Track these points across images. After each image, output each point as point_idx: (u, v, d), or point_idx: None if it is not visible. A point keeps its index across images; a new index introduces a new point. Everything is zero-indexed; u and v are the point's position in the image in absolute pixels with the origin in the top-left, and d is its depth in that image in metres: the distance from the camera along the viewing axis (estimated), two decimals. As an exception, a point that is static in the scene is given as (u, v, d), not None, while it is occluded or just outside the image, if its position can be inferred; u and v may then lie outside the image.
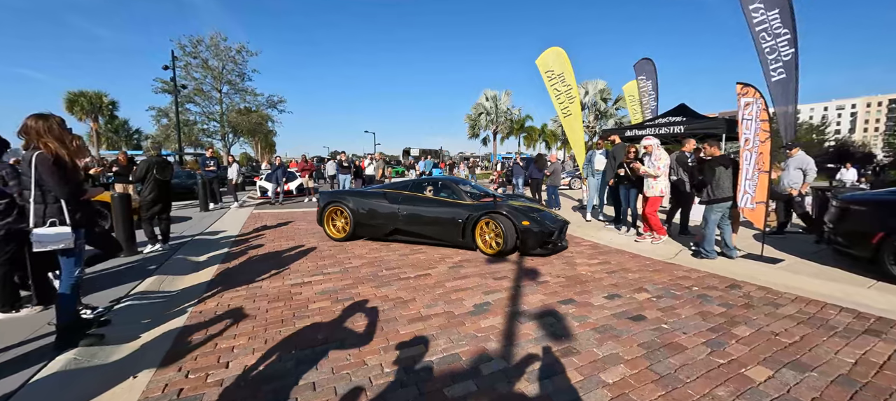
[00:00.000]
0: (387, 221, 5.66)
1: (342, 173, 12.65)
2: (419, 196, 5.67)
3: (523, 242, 4.81)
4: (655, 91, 10.88)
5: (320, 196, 6.44)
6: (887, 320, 3.02)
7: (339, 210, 6.03)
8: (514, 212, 4.88)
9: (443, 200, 5.51)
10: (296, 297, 3.54)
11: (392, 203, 5.68)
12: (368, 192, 6.22)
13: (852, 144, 48.20)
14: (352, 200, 5.99)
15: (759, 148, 4.37)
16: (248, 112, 29.00)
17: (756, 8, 5.88)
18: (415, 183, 6.10)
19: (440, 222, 5.31)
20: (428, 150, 37.01)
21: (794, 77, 5.81)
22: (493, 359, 2.45)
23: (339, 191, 6.76)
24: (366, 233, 5.99)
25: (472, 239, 5.10)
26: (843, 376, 2.24)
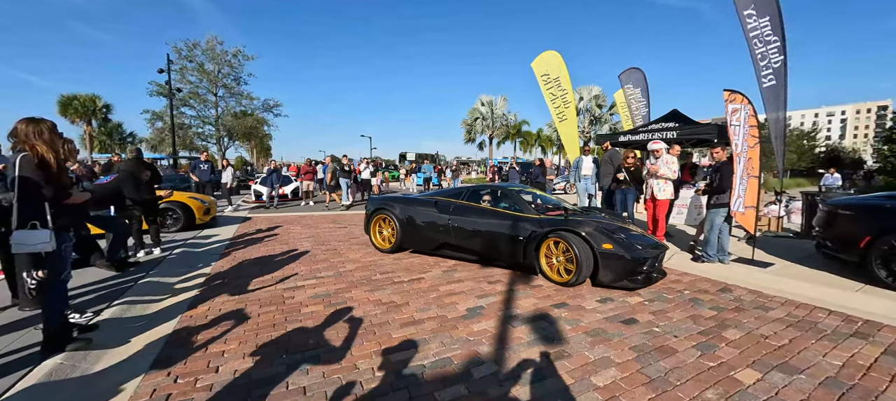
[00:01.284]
0: (436, 233, 4.94)
1: (343, 177, 12.62)
2: (474, 206, 4.80)
3: (603, 270, 3.75)
4: (646, 97, 11.00)
5: (368, 202, 5.97)
6: (874, 323, 3.06)
7: (386, 218, 5.44)
8: (592, 230, 3.85)
9: (501, 212, 4.60)
10: (288, 301, 3.52)
11: (442, 213, 4.91)
12: (418, 199, 5.50)
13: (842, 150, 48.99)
14: (399, 207, 5.35)
15: (748, 153, 4.44)
16: (244, 116, 28.92)
17: (749, 14, 5.98)
18: (471, 191, 5.15)
19: (497, 238, 4.45)
20: (424, 154, 37.07)
21: (783, 84, 5.90)
22: (485, 363, 2.45)
23: (388, 196, 6.01)
24: (413, 245, 5.34)
25: (535, 260, 4.15)
26: (831, 379, 2.27)
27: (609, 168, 6.86)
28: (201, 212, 7.71)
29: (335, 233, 7.10)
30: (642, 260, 3.80)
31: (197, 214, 7.60)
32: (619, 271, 3.73)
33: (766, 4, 5.69)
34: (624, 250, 3.73)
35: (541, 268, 4.13)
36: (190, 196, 8.07)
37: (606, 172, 6.91)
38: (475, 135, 38.48)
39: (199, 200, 8.06)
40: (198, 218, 7.62)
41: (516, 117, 38.46)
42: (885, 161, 19.87)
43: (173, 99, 19.67)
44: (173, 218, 7.37)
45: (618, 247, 3.74)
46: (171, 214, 7.34)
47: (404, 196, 5.96)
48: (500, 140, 38.88)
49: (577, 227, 3.88)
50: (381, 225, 5.58)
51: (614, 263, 3.72)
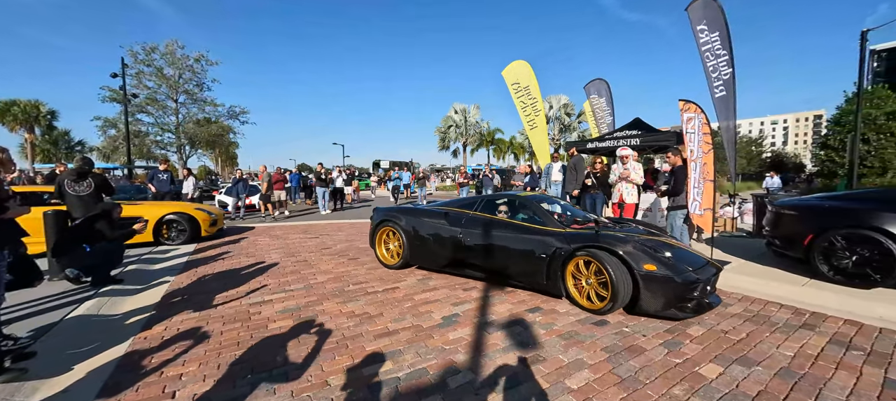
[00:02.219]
0: (446, 248, 4.38)
1: (320, 186, 12.25)
2: (489, 218, 4.23)
3: (645, 295, 3.11)
4: (610, 106, 11.51)
5: (374, 213, 5.40)
6: (820, 314, 3.31)
7: (393, 231, 4.91)
8: (631, 248, 3.21)
9: (520, 225, 4.00)
10: (254, 317, 3.34)
11: (453, 226, 4.35)
12: (427, 210, 4.93)
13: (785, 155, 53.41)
14: (405, 218, 4.82)
15: (703, 159, 4.72)
16: (208, 123, 27.62)
17: (702, 29, 6.44)
18: (487, 200, 4.59)
19: (515, 255, 3.85)
20: (399, 162, 36.84)
21: (732, 94, 6.36)
22: (461, 371, 2.42)
23: (394, 207, 5.46)
24: (421, 261, 4.77)
25: (561, 282, 3.53)
26: (784, 369, 2.41)
27: (574, 174, 7.09)
28: (207, 224, 7.34)
29: (306, 244, 6.86)
30: (694, 284, 3.10)
31: (203, 226, 7.24)
32: (665, 298, 3.07)
33: (716, 21, 6.14)
34: (672, 272, 3.08)
35: (567, 291, 3.53)
36: (196, 207, 7.71)
37: (571, 178, 7.13)
38: (449, 142, 38.76)
39: (206, 211, 7.67)
40: (204, 230, 7.25)
41: (489, 125, 39.15)
42: (821, 165, 21.81)
43: (129, 105, 18.48)
44: (178, 230, 6.99)
45: (664, 268, 3.09)
46: (176, 226, 6.97)
47: (413, 206, 5.36)
48: (474, 148, 39.36)
49: (613, 243, 3.25)
50: (388, 238, 5.05)
51: (660, 288, 3.07)
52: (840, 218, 3.98)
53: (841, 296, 3.58)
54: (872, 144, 18.57)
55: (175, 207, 7.27)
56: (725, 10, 5.98)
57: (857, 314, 3.27)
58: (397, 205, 5.89)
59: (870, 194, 4.25)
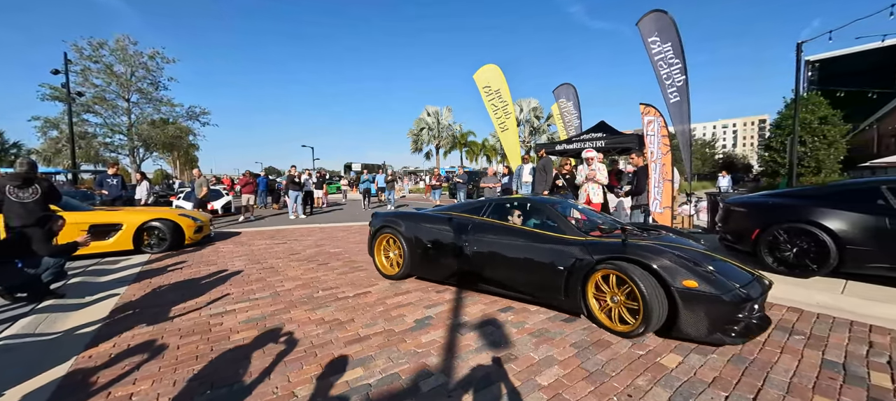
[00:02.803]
0: (450, 258, 3.98)
1: (293, 190, 11.81)
2: (498, 224, 3.86)
3: (685, 316, 2.64)
4: (578, 110, 11.95)
5: (372, 218, 4.98)
6: (767, 303, 3.57)
7: (393, 238, 4.52)
8: (667, 261, 2.74)
9: (535, 232, 3.54)
10: (215, 328, 3.16)
11: (459, 233, 3.93)
12: (429, 215, 4.49)
13: (735, 157, 57.66)
14: (405, 224, 4.42)
15: (662, 160, 5.00)
16: (164, 124, 25.99)
17: (654, 41, 6.86)
18: (495, 204, 4.22)
19: (529, 267, 3.40)
20: (371, 165, 36.31)
21: (686, 100, 6.79)
22: (434, 374, 2.40)
23: (394, 212, 4.93)
24: (423, 272, 4.35)
25: (581, 299, 3.11)
26: (736, 355, 2.58)
27: (543, 175, 7.28)
28: (192, 230, 6.86)
29: (273, 250, 6.59)
30: (743, 303, 2.63)
31: (187, 233, 6.76)
32: (709, 320, 2.59)
33: (668, 32, 6.55)
34: (717, 289, 2.60)
35: (589, 310, 3.09)
36: (180, 213, 7.19)
37: (541, 180, 7.32)
38: (422, 145, 38.68)
39: (191, 217, 7.16)
40: (188, 237, 6.78)
41: (462, 127, 39.45)
42: (766, 165, 23.73)
43: (73, 104, 17.01)
44: (159, 237, 6.50)
45: (707, 284, 2.60)
46: (156, 233, 6.49)
47: (412, 212, 4.81)
48: (447, 150, 39.50)
49: (644, 255, 2.80)
50: (388, 246, 4.63)
51: (703, 308, 2.58)
52: (781, 214, 4.33)
53: (785, 285, 3.88)
54: (808, 145, 20.40)
55: (156, 213, 6.79)
56: (677, 22, 6.38)
57: (798, 302, 3.56)
58: (398, 210, 5.45)
59: (806, 192, 4.65)
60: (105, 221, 6.23)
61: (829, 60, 27.52)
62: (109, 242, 6.13)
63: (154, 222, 6.50)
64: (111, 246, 6.15)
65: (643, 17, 6.76)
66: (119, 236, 6.21)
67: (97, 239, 6.01)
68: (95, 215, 6.25)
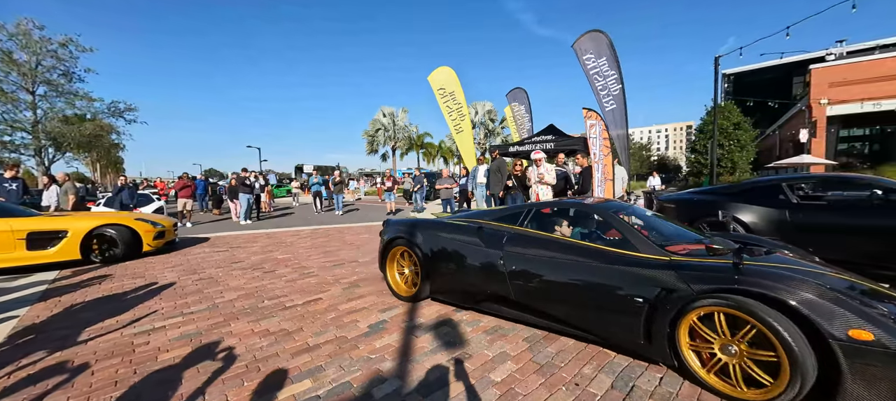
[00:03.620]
0: (481, 279, 3.12)
1: (243, 193, 10.92)
2: (544, 237, 2.94)
3: (854, 384, 1.73)
4: (529, 113, 12.45)
5: (384, 226, 4.17)
6: (692, 290, 3.95)
7: (408, 251, 3.74)
8: (810, 294, 1.85)
9: (597, 249, 2.64)
10: (139, 349, 2.82)
11: (491, 247, 3.08)
12: (451, 223, 3.59)
13: (667, 158, 63.70)
14: (422, 234, 3.61)
15: (604, 160, 5.36)
16: (80, 121, 22.98)
17: (588, 57, 7.44)
18: (535, 210, 3.31)
19: (590, 296, 2.54)
20: (324, 166, 34.96)
21: (622, 107, 7.37)
22: (388, 380, 2.34)
23: (409, 220, 4.04)
24: (446, 294, 3.50)
25: (670, 346, 2.24)
26: (668, 339, 2.81)
27: (498, 176, 7.48)
28: (151, 236, 6.05)
29: (212, 258, 6.07)
30: None
31: (144, 239, 5.95)
32: None
33: (601, 48, 7.16)
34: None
35: (685, 362, 2.18)
36: (137, 217, 6.30)
37: (496, 180, 7.52)
38: (378, 146, 38.01)
39: (150, 221, 6.29)
40: (146, 244, 5.97)
41: (418, 129, 39.36)
42: (692, 166, 26.47)
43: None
44: (110, 245, 5.76)
45: (887, 334, 1.69)
46: (108, 241, 5.74)
47: (431, 220, 3.92)
48: (403, 151, 39.17)
49: (773, 285, 1.91)
50: (402, 261, 3.88)
51: (885, 373, 1.67)
52: (704, 208, 4.84)
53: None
54: (725, 148, 23.07)
55: (108, 218, 5.98)
56: (611, 37, 7.00)
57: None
58: (414, 218, 4.47)
59: (723, 189, 5.24)
60: (46, 228, 5.40)
61: (740, 74, 31.39)
62: (51, 251, 5.33)
63: (106, 228, 5.73)
64: (54, 256, 5.35)
65: (578, 39, 7.34)
66: (63, 245, 5.42)
67: (36, 249, 5.23)
68: (34, 222, 5.42)
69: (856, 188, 4.49)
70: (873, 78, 17.25)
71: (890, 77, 16.87)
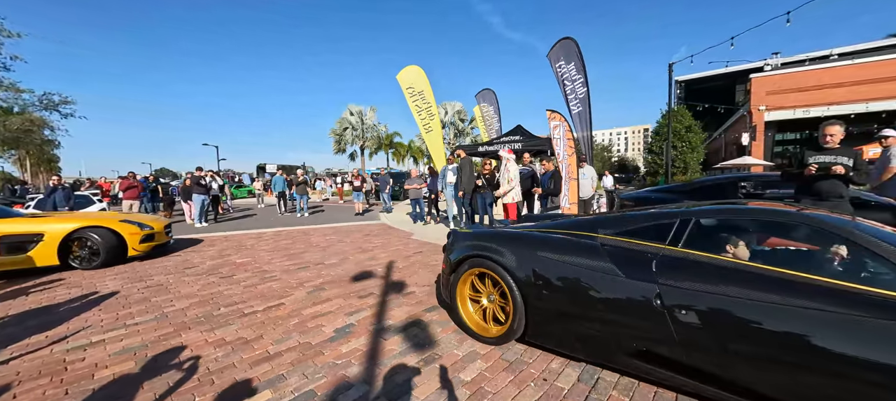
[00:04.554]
0: (622, 324, 2.12)
1: (198, 193, 10.17)
2: (732, 266, 1.92)
3: None
4: (498, 114, 12.64)
5: (451, 241, 3.20)
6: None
7: (488, 275, 2.79)
8: None
9: (838, 288, 1.62)
10: (73, 366, 2.54)
11: (635, 277, 2.10)
12: (555, 239, 2.60)
13: (627, 159, 67.22)
14: (515, 253, 2.64)
15: (568, 161, 5.53)
16: (6, 114, 20.59)
17: (560, 64, 7.75)
18: (697, 219, 2.24)
19: (845, 369, 1.50)
20: (288, 166, 33.58)
21: (587, 109, 7.66)
22: (355, 385, 2.26)
23: (490, 232, 3.08)
24: (557, 339, 2.47)
25: None
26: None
27: (462, 175, 7.52)
28: (137, 239, 5.58)
29: (161, 263, 5.62)
30: None
31: (130, 243, 5.42)
32: None
33: (570, 53, 7.43)
34: None
35: None
36: (122, 219, 5.65)
37: (461, 179, 7.55)
38: (345, 145, 37.12)
39: (137, 223, 5.64)
40: (131, 248, 5.40)
41: (387, 128, 38.85)
42: (649, 166, 28.10)
43: None
44: (91, 249, 5.23)
45: None
46: (89, 244, 5.23)
47: (525, 231, 2.90)
48: (372, 151, 38.50)
49: None
50: (479, 287, 2.90)
51: None
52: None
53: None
54: (678, 149, 24.67)
55: (88, 219, 5.40)
56: (579, 43, 7.31)
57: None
58: (495, 228, 3.44)
59: (677, 187, 5.58)
60: (20, 231, 4.93)
61: (691, 80, 33.66)
62: (23, 257, 4.88)
63: (86, 230, 5.19)
64: (26, 262, 4.89)
65: (552, 48, 7.61)
66: (39, 249, 4.95)
67: (9, 254, 4.79)
68: (7, 223, 4.95)
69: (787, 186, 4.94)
70: (803, 87, 19.12)
71: (817, 87, 18.78)
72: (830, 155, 3.38)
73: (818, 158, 3.41)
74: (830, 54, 25.21)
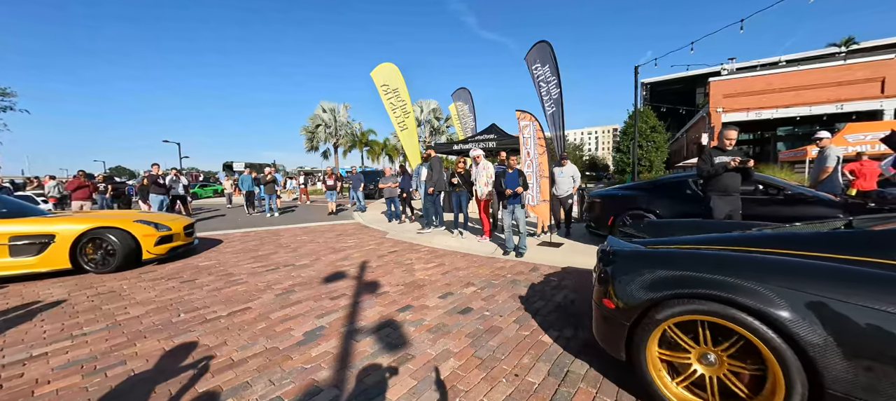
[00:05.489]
0: None
1: (156, 193, 9.52)
2: None
3: None
4: (473, 113, 12.71)
5: (613, 262, 2.15)
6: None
7: (711, 323, 1.75)
8: None
9: None
10: (10, 383, 2.31)
11: None
12: (876, 273, 1.51)
13: (597, 158, 69.58)
14: (792, 291, 1.56)
15: (539, 159, 5.63)
16: (-70, 107, 18.53)
17: (536, 66, 7.92)
18: None
19: None
20: (257, 164, 32.31)
21: (560, 110, 7.85)
22: (324, 390, 2.19)
23: (695, 254, 1.96)
24: None
25: None
26: (598, 324, 3.02)
27: (431, 174, 7.52)
28: (152, 242, 5.15)
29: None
30: None
31: (144, 245, 5.08)
32: None
33: (545, 56, 7.62)
34: None
35: None
36: (136, 219, 5.30)
37: (430, 177, 7.55)
38: (318, 143, 36.15)
39: (153, 223, 5.33)
40: (146, 251, 4.97)
41: (361, 126, 38.18)
42: (617, 164, 29.22)
43: None
44: (105, 251, 4.85)
45: None
46: (102, 246, 4.85)
47: (749, 253, 1.90)
48: (346, 149, 37.72)
49: None
50: (677, 339, 1.86)
51: None
52: (626, 202, 5.31)
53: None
54: (644, 149, 25.80)
55: (101, 219, 4.95)
56: (553, 46, 7.50)
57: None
58: (680, 248, 2.14)
59: (643, 185, 5.83)
60: (32, 231, 4.54)
61: (656, 83, 35.27)
62: (34, 260, 4.50)
63: (99, 231, 4.79)
64: (37, 265, 4.51)
65: (529, 51, 7.78)
66: (50, 251, 4.59)
67: (18, 256, 4.43)
68: (18, 224, 4.57)
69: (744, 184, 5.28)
70: (755, 91, 20.49)
71: (768, 91, 20.18)
72: (729, 155, 4.07)
73: (722, 158, 4.05)
74: (779, 61, 27.17)
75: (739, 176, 4.04)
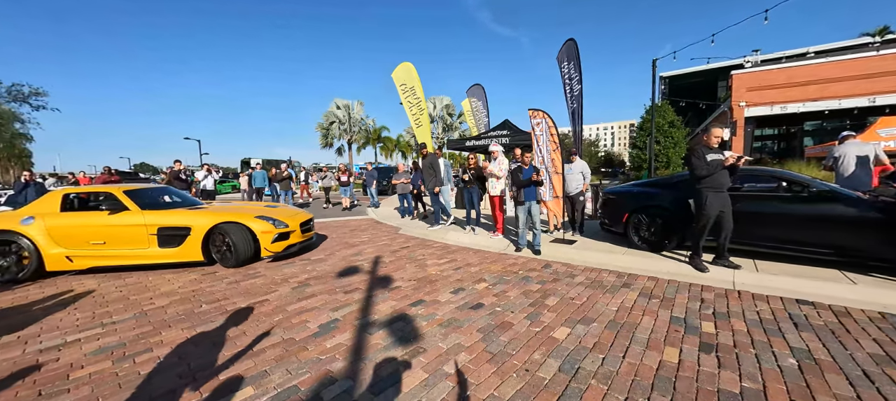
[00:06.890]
0: None
1: (178, 188, 9.88)
2: None
3: None
4: (486, 108, 12.65)
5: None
6: (633, 274, 4.25)
7: None
8: None
9: None
10: (47, 368, 2.47)
11: None
12: None
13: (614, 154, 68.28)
14: None
15: (552, 156, 5.57)
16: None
17: (564, 65, 7.92)
18: None
19: None
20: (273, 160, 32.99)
21: (580, 106, 7.79)
22: (338, 380, 2.26)
23: None
24: None
25: None
26: (611, 322, 3.00)
27: (431, 172, 7.50)
28: (269, 238, 5.11)
29: (142, 261, 5.46)
30: None
31: (262, 241, 5.07)
32: None
33: (571, 52, 7.60)
34: None
35: None
36: (257, 214, 5.27)
37: (430, 177, 7.52)
38: (332, 139, 36.63)
39: (272, 219, 5.28)
40: (264, 247, 5.09)
41: (375, 123, 38.47)
42: (633, 160, 28.60)
43: None
44: (227, 246, 4.91)
45: None
46: (224, 241, 4.91)
47: None
48: (360, 145, 38.11)
49: None
50: None
51: None
52: (642, 200, 5.21)
53: (645, 259, 4.68)
54: (661, 144, 25.15)
55: (226, 215, 5.08)
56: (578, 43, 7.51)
57: (654, 271, 4.32)
58: None
59: (660, 181, 5.69)
60: (173, 223, 4.80)
61: (674, 76, 34.26)
62: (175, 250, 4.78)
63: (222, 227, 4.93)
64: (177, 256, 4.78)
65: (560, 49, 7.84)
66: (187, 244, 4.85)
67: (165, 246, 4.73)
68: (163, 216, 4.95)
69: (766, 180, 5.08)
70: (781, 84, 19.68)
71: (794, 84, 19.37)
72: (717, 153, 4.12)
73: (714, 156, 4.09)
74: (807, 52, 26.00)
75: (728, 173, 4.14)
